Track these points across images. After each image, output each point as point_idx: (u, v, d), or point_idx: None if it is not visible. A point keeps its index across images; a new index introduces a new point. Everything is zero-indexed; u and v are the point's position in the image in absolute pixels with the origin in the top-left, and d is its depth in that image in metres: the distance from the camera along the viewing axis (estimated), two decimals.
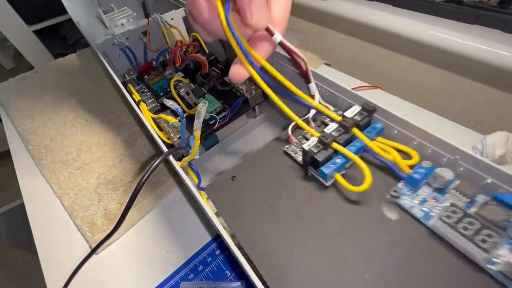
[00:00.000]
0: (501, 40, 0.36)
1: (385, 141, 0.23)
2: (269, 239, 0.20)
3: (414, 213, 0.19)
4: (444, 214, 0.18)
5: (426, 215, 0.19)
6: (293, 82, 0.24)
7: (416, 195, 0.20)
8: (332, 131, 0.23)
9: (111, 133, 0.46)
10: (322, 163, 0.22)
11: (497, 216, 0.17)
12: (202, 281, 0.29)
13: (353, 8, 0.50)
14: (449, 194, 0.20)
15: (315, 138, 0.22)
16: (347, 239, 0.19)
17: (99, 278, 0.30)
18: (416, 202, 0.20)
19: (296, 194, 0.23)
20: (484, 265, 0.16)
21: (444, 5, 0.42)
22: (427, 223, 0.19)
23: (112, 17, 0.46)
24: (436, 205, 0.19)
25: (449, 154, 0.21)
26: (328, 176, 0.21)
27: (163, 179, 0.38)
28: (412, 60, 0.49)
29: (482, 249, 0.16)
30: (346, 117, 0.23)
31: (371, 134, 0.23)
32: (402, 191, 0.20)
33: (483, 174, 0.20)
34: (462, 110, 0.47)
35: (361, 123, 0.23)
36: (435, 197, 0.19)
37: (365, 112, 0.24)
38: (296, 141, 0.26)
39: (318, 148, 0.22)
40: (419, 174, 0.19)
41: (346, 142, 0.22)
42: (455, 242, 0.17)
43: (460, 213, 0.17)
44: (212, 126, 0.35)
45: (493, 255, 0.16)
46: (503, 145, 0.31)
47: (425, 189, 0.20)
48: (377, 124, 0.24)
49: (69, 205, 0.36)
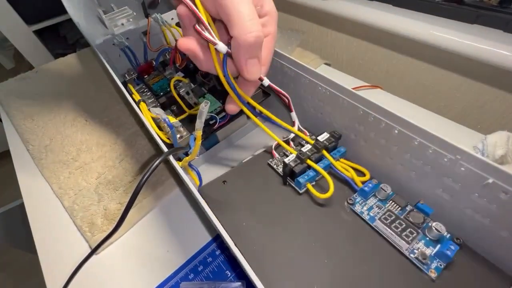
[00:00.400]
0: (502, 40, 0.36)
1: (346, 162, 0.30)
2: (253, 232, 0.25)
3: (363, 216, 0.25)
4: (383, 217, 0.24)
5: (372, 218, 0.25)
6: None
7: (365, 203, 0.26)
8: (307, 151, 0.28)
9: (111, 133, 0.45)
10: (298, 174, 0.27)
11: (417, 220, 0.24)
12: (202, 281, 0.29)
13: (353, 8, 0.50)
14: (388, 203, 0.26)
15: (294, 155, 0.28)
16: (314, 233, 0.25)
17: (99, 278, 0.30)
18: (365, 209, 0.26)
19: (276, 198, 0.28)
20: (407, 253, 0.23)
21: (445, 4, 0.42)
22: (371, 224, 0.25)
23: (112, 17, 0.46)
24: (379, 211, 0.26)
25: (450, 154, 0.21)
26: (302, 185, 0.27)
27: (163, 179, 0.38)
28: (413, 60, 0.49)
29: (406, 242, 0.23)
30: (319, 140, 0.29)
31: (336, 155, 0.30)
32: (356, 200, 0.27)
33: (484, 174, 0.20)
34: (462, 110, 0.47)
35: (329, 146, 0.29)
36: (378, 205, 0.26)
37: (333, 138, 0.29)
38: (278, 156, 0.31)
39: (296, 163, 0.27)
40: (368, 188, 0.26)
41: (317, 160, 0.28)
42: (389, 236, 0.24)
43: (393, 216, 0.24)
44: (212, 126, 0.35)
45: (413, 246, 0.23)
46: (503, 145, 0.31)
47: (372, 200, 0.27)
48: (341, 148, 0.30)
49: (69, 205, 0.36)
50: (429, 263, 0.22)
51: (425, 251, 0.22)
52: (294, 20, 0.67)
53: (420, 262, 0.22)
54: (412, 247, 0.23)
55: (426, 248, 0.23)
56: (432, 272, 0.21)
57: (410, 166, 0.25)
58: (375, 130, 0.27)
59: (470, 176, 0.21)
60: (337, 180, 0.29)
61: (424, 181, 0.25)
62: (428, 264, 0.22)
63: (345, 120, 0.30)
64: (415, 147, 0.24)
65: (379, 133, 0.26)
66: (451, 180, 0.23)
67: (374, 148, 0.28)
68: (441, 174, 0.23)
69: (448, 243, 0.22)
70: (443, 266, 0.22)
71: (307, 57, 0.56)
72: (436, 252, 0.22)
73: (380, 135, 0.26)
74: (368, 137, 0.28)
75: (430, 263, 0.22)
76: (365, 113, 0.26)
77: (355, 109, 0.27)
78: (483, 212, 0.22)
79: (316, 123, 0.34)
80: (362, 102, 0.26)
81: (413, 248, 0.23)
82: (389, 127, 0.25)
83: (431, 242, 0.23)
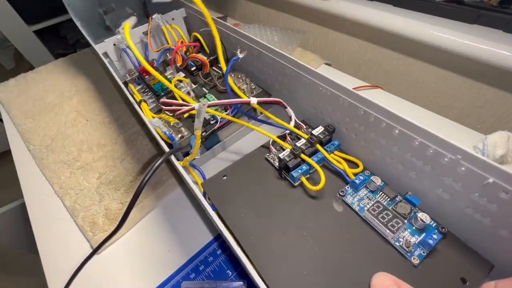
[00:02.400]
0: (502, 40, 0.36)
1: (340, 154, 0.31)
2: (250, 221, 0.27)
3: (354, 207, 0.27)
4: (371, 208, 0.26)
5: (361, 208, 0.26)
6: None
7: (356, 195, 0.28)
8: (301, 145, 0.30)
9: (112, 133, 0.46)
10: (292, 168, 0.28)
11: (404, 210, 0.25)
12: (204, 281, 0.29)
13: (353, 8, 0.50)
14: (378, 194, 0.27)
15: (288, 150, 0.29)
16: (306, 223, 0.26)
17: (101, 277, 0.30)
18: (355, 200, 0.27)
19: (272, 190, 0.29)
20: (393, 242, 0.24)
21: (445, 4, 0.42)
22: (361, 214, 0.26)
23: (112, 17, 0.46)
24: (368, 202, 0.27)
25: (450, 154, 0.22)
26: (296, 178, 0.28)
27: (164, 179, 0.38)
28: (413, 60, 0.49)
29: (391, 231, 0.24)
30: (313, 134, 0.30)
31: (330, 148, 0.31)
32: (347, 192, 0.28)
33: (484, 173, 0.20)
34: (462, 110, 0.47)
35: (323, 140, 0.30)
36: (369, 196, 0.27)
37: (327, 132, 0.31)
38: (274, 151, 0.32)
39: (290, 157, 0.29)
40: (359, 180, 0.27)
41: (311, 154, 0.30)
42: (376, 226, 0.25)
43: (381, 207, 0.25)
44: (213, 126, 0.36)
45: (398, 235, 0.24)
46: (504, 144, 0.31)
47: (363, 191, 0.28)
48: (335, 141, 0.31)
49: (70, 205, 0.36)
50: (412, 250, 0.23)
51: (410, 240, 0.23)
52: (294, 20, 0.67)
53: (404, 249, 0.23)
54: (397, 236, 0.24)
55: (411, 236, 0.24)
56: (414, 259, 0.23)
57: (410, 166, 0.26)
58: (376, 130, 0.27)
59: (470, 176, 0.21)
60: (330, 172, 0.30)
61: (424, 181, 0.25)
62: (411, 252, 0.23)
63: (345, 120, 0.30)
64: (415, 147, 0.24)
65: (380, 133, 0.26)
66: (451, 180, 0.23)
67: (375, 148, 0.28)
68: (442, 174, 0.23)
69: (432, 232, 0.23)
70: (426, 254, 0.23)
71: (307, 57, 0.56)
72: (420, 241, 0.24)
73: (380, 135, 0.27)
74: (368, 137, 0.28)
75: (414, 250, 0.23)
76: (366, 113, 0.26)
77: (356, 109, 0.27)
78: (483, 211, 0.22)
79: (315, 118, 0.34)
80: (362, 102, 0.26)
81: (398, 236, 0.24)
82: (390, 127, 0.25)
83: (417, 231, 0.24)
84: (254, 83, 0.40)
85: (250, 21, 0.82)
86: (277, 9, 0.70)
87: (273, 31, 0.61)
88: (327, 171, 0.30)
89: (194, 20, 0.49)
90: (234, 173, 0.31)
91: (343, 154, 0.31)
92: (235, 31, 0.39)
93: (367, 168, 0.29)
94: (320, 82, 0.30)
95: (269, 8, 0.73)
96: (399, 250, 0.23)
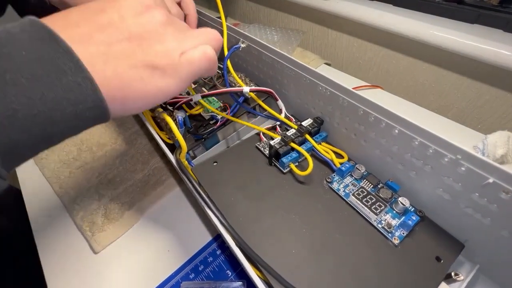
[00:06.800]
0: (502, 40, 0.36)
1: (327, 145, 0.33)
2: (240, 205, 0.28)
3: (340, 193, 0.29)
4: (356, 193, 0.28)
5: (347, 194, 0.28)
6: None
7: (342, 182, 0.29)
8: (291, 134, 0.31)
9: (111, 133, 0.45)
10: (282, 155, 0.30)
11: (386, 195, 0.27)
12: (203, 281, 0.29)
13: (353, 7, 0.50)
14: (362, 182, 0.29)
15: (279, 138, 0.31)
16: (295, 207, 0.28)
17: (100, 277, 0.30)
18: (341, 186, 0.29)
19: (262, 176, 0.30)
20: (375, 224, 0.26)
21: (445, 4, 0.42)
22: (346, 199, 0.28)
23: None
24: (353, 188, 0.29)
25: (450, 154, 0.21)
26: (285, 165, 0.30)
27: (163, 179, 0.38)
28: (413, 59, 0.49)
29: (374, 213, 0.26)
30: (302, 125, 0.32)
31: (318, 139, 0.32)
32: (334, 179, 0.30)
33: (484, 173, 0.20)
34: (462, 110, 0.47)
35: (312, 131, 0.32)
36: (354, 183, 0.29)
37: (316, 124, 0.32)
38: (265, 140, 0.34)
39: (281, 144, 0.30)
40: (345, 168, 0.29)
41: (301, 143, 0.31)
42: (360, 209, 0.27)
43: (365, 192, 0.28)
44: (213, 125, 0.35)
45: (380, 218, 0.26)
46: (504, 144, 0.31)
47: (348, 178, 0.30)
48: (323, 133, 0.34)
49: (69, 205, 0.36)
50: (393, 231, 0.25)
51: (391, 222, 0.25)
52: (294, 20, 0.67)
53: (385, 230, 0.25)
54: (380, 218, 0.26)
55: (392, 219, 0.26)
56: (395, 239, 0.25)
57: (410, 166, 0.26)
58: (376, 130, 0.27)
59: (470, 175, 0.21)
60: (318, 161, 0.32)
61: (424, 180, 0.25)
62: (392, 233, 0.25)
63: (345, 120, 0.30)
64: (415, 147, 0.24)
65: (380, 133, 0.26)
66: (451, 180, 0.23)
67: (375, 148, 0.28)
68: (442, 174, 0.23)
69: (410, 215, 0.25)
70: (405, 234, 0.25)
71: (307, 57, 0.56)
72: (400, 223, 0.26)
73: (380, 134, 0.27)
74: (368, 137, 0.28)
75: (395, 231, 0.25)
76: (366, 113, 0.26)
77: (356, 109, 0.27)
78: (483, 211, 0.22)
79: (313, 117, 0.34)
80: (362, 102, 0.26)
81: (380, 219, 0.26)
82: (390, 127, 0.25)
83: (397, 214, 0.26)
84: (254, 83, 0.40)
85: (250, 21, 0.82)
86: (277, 9, 0.70)
87: (273, 31, 0.61)
88: (315, 160, 0.31)
89: None
90: (224, 159, 0.32)
91: (329, 145, 0.33)
92: (235, 31, 0.39)
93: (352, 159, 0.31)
94: (320, 82, 0.30)
95: (269, 8, 0.73)
96: (381, 231, 0.25)
